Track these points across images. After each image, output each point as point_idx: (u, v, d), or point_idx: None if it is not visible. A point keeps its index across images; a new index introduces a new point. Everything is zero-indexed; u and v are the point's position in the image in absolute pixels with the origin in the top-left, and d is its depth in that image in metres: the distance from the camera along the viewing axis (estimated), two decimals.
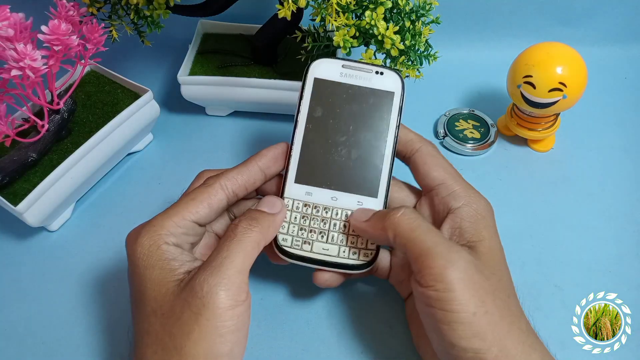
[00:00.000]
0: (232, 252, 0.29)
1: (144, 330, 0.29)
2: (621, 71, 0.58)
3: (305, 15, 0.44)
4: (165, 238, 0.30)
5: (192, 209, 0.32)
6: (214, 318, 0.27)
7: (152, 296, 0.29)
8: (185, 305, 0.28)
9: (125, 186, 0.47)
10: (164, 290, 0.29)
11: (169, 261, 0.30)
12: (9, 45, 0.33)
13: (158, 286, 0.29)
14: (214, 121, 0.53)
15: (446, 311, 0.28)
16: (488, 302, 0.28)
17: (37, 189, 0.39)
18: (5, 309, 0.39)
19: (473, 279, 0.28)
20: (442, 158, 0.35)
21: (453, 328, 0.28)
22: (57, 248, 0.43)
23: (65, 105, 0.42)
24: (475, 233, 0.32)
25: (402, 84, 0.35)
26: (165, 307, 0.29)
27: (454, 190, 0.33)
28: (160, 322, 0.28)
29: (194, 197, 0.32)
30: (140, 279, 0.30)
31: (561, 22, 0.58)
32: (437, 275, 0.28)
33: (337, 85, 0.35)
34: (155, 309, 0.29)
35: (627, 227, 0.44)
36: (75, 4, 0.38)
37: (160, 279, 0.29)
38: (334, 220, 0.34)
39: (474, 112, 0.52)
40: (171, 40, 0.54)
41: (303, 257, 0.34)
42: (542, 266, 0.41)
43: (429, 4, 0.40)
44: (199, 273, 0.28)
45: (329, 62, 0.35)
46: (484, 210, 0.33)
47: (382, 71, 0.35)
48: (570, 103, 0.44)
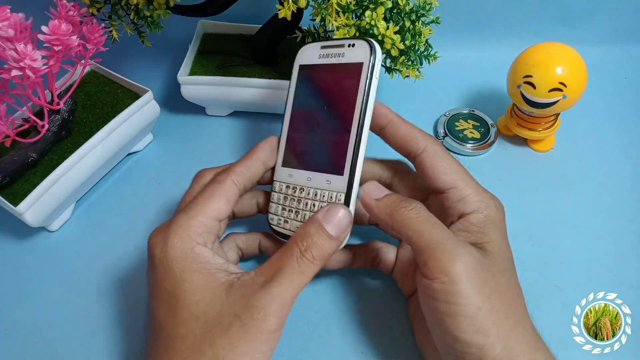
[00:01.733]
0: (294, 285, 0.29)
1: (178, 335, 0.28)
2: (621, 71, 0.58)
3: (305, 15, 0.44)
4: (196, 239, 0.30)
5: (214, 205, 0.31)
6: (262, 340, 0.27)
7: (194, 301, 0.28)
8: (236, 320, 0.27)
9: (125, 186, 0.47)
10: (209, 295, 0.28)
11: (205, 265, 0.29)
12: (9, 46, 0.33)
13: (202, 291, 0.28)
14: (214, 121, 0.53)
15: (451, 303, 0.28)
16: (494, 299, 0.28)
17: (37, 189, 0.39)
18: (6, 309, 0.39)
19: (480, 275, 0.28)
20: (450, 158, 0.34)
21: (457, 321, 0.28)
22: (57, 248, 0.43)
23: (65, 105, 0.42)
24: (482, 236, 0.32)
25: (370, 53, 0.32)
26: (210, 314, 0.28)
27: (466, 195, 0.32)
28: (202, 328, 0.28)
29: (211, 194, 0.32)
30: (176, 283, 0.29)
31: (561, 22, 0.58)
32: (444, 268, 0.28)
33: (316, 67, 0.35)
34: (197, 314, 0.28)
35: (627, 227, 0.44)
36: (75, 4, 0.38)
37: (203, 284, 0.29)
38: (306, 199, 0.34)
39: (474, 112, 0.52)
40: (171, 40, 0.54)
41: (285, 235, 0.35)
42: (542, 266, 0.41)
43: (429, 4, 0.40)
44: (259, 295, 0.28)
45: (310, 47, 0.36)
46: (495, 215, 0.32)
47: (353, 43, 0.33)
48: (570, 103, 0.44)
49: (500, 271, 0.30)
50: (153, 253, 0.30)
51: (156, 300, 0.30)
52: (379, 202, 0.32)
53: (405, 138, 0.34)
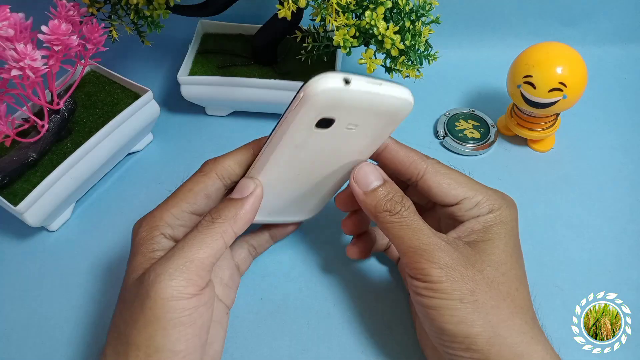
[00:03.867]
0: (187, 244, 0.29)
1: (114, 315, 0.30)
2: (621, 71, 0.58)
3: (305, 15, 0.44)
4: (162, 229, 0.30)
5: (190, 199, 0.31)
6: (156, 308, 0.26)
7: (124, 283, 0.29)
8: (135, 292, 0.28)
9: (125, 186, 0.47)
10: (135, 276, 0.29)
11: (154, 251, 0.30)
12: (9, 45, 0.33)
13: (134, 272, 0.29)
14: (214, 121, 0.53)
15: (433, 298, 0.29)
16: (479, 292, 0.29)
17: (37, 189, 0.39)
18: (5, 309, 0.39)
19: (460, 272, 0.29)
20: (452, 172, 0.34)
21: (440, 313, 0.28)
22: (57, 248, 0.43)
23: (65, 105, 0.42)
24: (484, 234, 0.32)
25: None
26: (125, 293, 0.29)
27: (478, 202, 0.32)
28: (120, 309, 0.29)
29: (190, 188, 0.32)
30: (129, 264, 0.30)
31: (561, 22, 0.58)
32: (422, 269, 0.29)
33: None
34: (122, 297, 0.29)
35: (627, 227, 0.44)
36: (75, 4, 0.38)
37: (137, 266, 0.29)
38: None
39: (474, 112, 0.52)
40: (171, 40, 0.54)
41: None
42: (542, 266, 0.41)
43: (429, 4, 0.40)
44: (156, 265, 0.28)
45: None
46: (507, 215, 0.32)
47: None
48: (570, 103, 0.44)
49: (492, 266, 0.30)
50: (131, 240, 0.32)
51: None
52: (367, 196, 0.31)
53: (404, 163, 0.33)
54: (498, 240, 0.32)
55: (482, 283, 0.29)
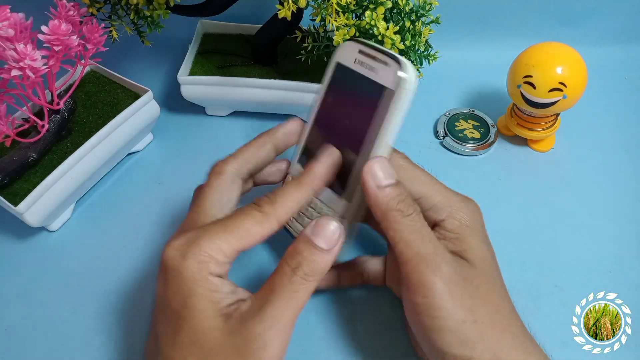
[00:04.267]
0: (289, 307, 0.28)
1: (175, 358, 0.28)
2: (621, 71, 0.58)
3: (305, 15, 0.44)
4: (212, 268, 0.28)
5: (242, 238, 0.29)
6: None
7: (195, 327, 0.27)
8: (233, 351, 0.27)
9: (125, 186, 0.47)
10: (208, 324, 0.27)
11: (213, 293, 0.28)
12: (9, 46, 0.33)
13: (203, 319, 0.27)
14: (214, 121, 0.53)
15: (433, 318, 0.28)
16: (478, 310, 0.28)
17: (37, 189, 0.39)
18: (5, 309, 0.39)
19: (461, 289, 0.28)
20: (414, 168, 0.33)
21: (441, 336, 0.28)
22: (57, 248, 0.43)
23: (65, 105, 0.42)
24: (460, 243, 0.31)
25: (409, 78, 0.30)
26: (209, 344, 0.27)
27: (435, 203, 0.32)
28: (199, 356, 0.27)
29: (239, 226, 0.29)
30: (183, 304, 0.28)
31: (561, 22, 0.58)
32: (425, 281, 0.28)
33: (350, 72, 0.32)
34: (195, 341, 0.27)
35: (627, 227, 0.44)
36: (75, 4, 0.38)
37: (205, 311, 0.27)
38: (311, 208, 0.34)
39: (474, 112, 0.52)
40: (171, 40, 0.54)
41: (291, 234, 0.35)
42: (542, 266, 0.41)
43: (429, 4, 0.40)
44: (254, 324, 0.27)
45: (350, 46, 0.32)
46: (469, 218, 0.32)
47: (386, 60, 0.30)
48: (570, 103, 0.44)
49: (484, 280, 0.30)
50: (167, 266, 0.29)
51: (160, 314, 0.29)
52: (380, 192, 0.30)
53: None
54: (476, 249, 0.31)
55: (479, 300, 0.29)
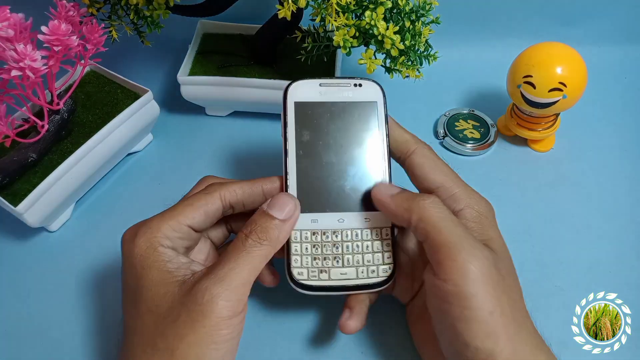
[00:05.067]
0: (239, 265, 0.29)
1: (136, 328, 0.29)
2: (621, 71, 0.58)
3: (305, 15, 0.44)
4: (161, 240, 0.31)
5: (189, 214, 0.32)
6: (210, 326, 0.27)
7: (149, 296, 0.29)
8: (183, 309, 0.28)
9: (125, 186, 0.47)
10: (163, 291, 0.29)
11: (165, 263, 0.30)
12: (9, 46, 0.33)
13: (156, 287, 0.29)
14: (214, 121, 0.53)
15: (463, 308, 0.27)
16: (503, 302, 0.28)
17: (37, 189, 0.39)
18: (5, 308, 0.39)
19: (493, 277, 0.28)
20: (438, 160, 0.34)
21: (469, 327, 0.27)
22: (57, 248, 0.43)
23: (65, 105, 0.42)
24: (482, 233, 0.32)
25: (382, 92, 0.35)
26: (162, 308, 0.29)
27: (454, 192, 0.33)
28: (154, 322, 0.29)
29: (191, 203, 0.32)
30: (137, 279, 0.30)
31: (561, 22, 0.58)
32: (459, 269, 0.28)
33: (319, 105, 0.35)
34: (151, 308, 0.29)
35: (627, 227, 0.44)
36: (75, 4, 0.38)
37: (158, 280, 0.29)
38: (345, 242, 0.33)
39: (474, 112, 0.52)
40: (171, 40, 0.54)
41: (323, 287, 0.33)
42: (542, 266, 0.41)
43: (429, 4, 0.40)
44: (203, 280, 0.28)
45: (306, 84, 0.35)
46: (486, 211, 0.33)
47: (360, 83, 0.35)
48: (570, 103, 0.44)
49: (508, 272, 0.30)
50: (122, 249, 0.32)
51: (123, 295, 0.32)
52: (395, 197, 0.32)
53: (398, 140, 0.35)
54: (497, 240, 0.31)
55: (505, 291, 0.28)
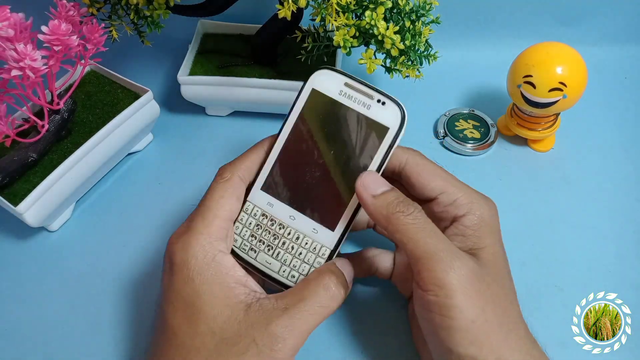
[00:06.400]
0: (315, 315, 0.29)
1: (193, 346, 0.28)
2: (621, 71, 0.58)
3: (305, 15, 0.44)
4: (217, 245, 0.29)
5: (227, 206, 0.31)
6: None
7: (212, 315, 0.28)
8: (252, 345, 0.27)
9: (125, 186, 0.47)
10: (227, 312, 0.28)
11: (225, 277, 0.29)
12: (9, 46, 0.33)
13: (221, 307, 0.28)
14: (214, 121, 0.53)
15: (445, 317, 0.28)
16: (488, 310, 0.28)
17: (37, 189, 0.39)
18: (5, 309, 0.39)
19: (474, 287, 0.28)
20: (433, 165, 0.34)
21: (451, 334, 0.28)
22: (57, 248, 0.43)
23: (65, 105, 0.42)
24: (478, 241, 0.31)
25: (401, 120, 0.32)
26: (227, 333, 0.28)
27: (457, 198, 0.32)
28: (216, 345, 0.27)
29: (221, 195, 0.31)
30: (195, 293, 0.28)
31: (561, 22, 0.58)
32: (438, 279, 0.28)
33: (333, 103, 0.33)
34: (214, 330, 0.28)
35: (627, 227, 0.44)
36: (75, 4, 0.38)
37: (222, 298, 0.28)
38: (284, 238, 0.33)
39: (474, 112, 0.52)
40: (171, 40, 0.54)
41: (246, 261, 0.33)
42: (542, 266, 0.41)
43: (429, 4, 0.40)
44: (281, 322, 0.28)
45: (332, 76, 0.33)
46: (488, 215, 0.32)
47: (384, 100, 0.32)
48: (570, 103, 0.44)
49: (495, 279, 0.30)
50: (173, 260, 0.29)
51: (172, 307, 0.29)
52: (376, 199, 0.30)
53: None
54: (491, 248, 0.31)
55: (490, 299, 0.28)
